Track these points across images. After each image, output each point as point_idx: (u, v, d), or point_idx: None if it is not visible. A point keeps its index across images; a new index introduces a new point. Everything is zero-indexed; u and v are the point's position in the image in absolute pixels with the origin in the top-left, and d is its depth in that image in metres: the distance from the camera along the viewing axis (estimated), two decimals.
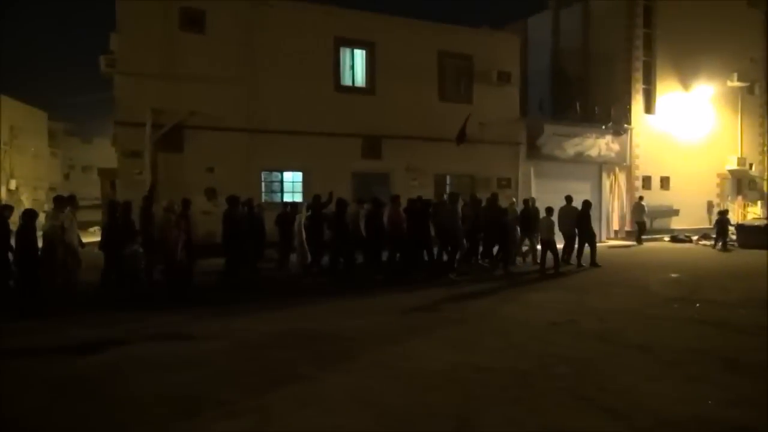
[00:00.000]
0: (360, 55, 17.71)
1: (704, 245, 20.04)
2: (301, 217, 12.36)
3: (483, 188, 18.49)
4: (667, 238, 21.38)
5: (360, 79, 17.80)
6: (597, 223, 18.21)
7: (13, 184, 31.95)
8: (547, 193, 16.91)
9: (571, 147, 20.99)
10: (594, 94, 23.10)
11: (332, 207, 12.64)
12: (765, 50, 26.00)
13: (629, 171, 22.47)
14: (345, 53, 17.54)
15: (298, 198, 16.70)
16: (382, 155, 17.69)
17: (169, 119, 15.13)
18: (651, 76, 23.32)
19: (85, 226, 18.33)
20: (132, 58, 14.88)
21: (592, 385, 5.55)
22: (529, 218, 14.33)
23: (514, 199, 16.23)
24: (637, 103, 22.86)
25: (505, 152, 19.63)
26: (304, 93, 16.56)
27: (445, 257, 12.99)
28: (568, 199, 14.90)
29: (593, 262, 14.22)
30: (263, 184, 16.70)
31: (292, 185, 17.05)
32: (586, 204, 14.67)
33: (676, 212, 22.14)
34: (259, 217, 13.57)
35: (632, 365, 6.26)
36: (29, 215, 9.55)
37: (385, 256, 12.95)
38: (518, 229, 14.46)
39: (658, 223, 21.60)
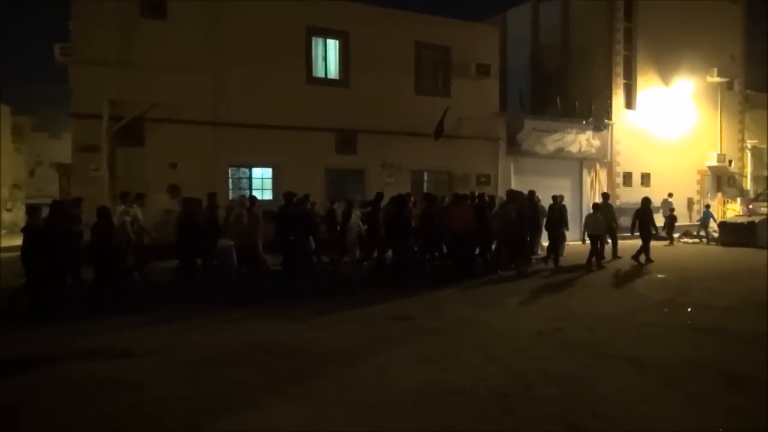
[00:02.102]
0: (333, 45, 16.90)
1: (686, 243, 19.70)
2: (357, 215, 13.00)
3: (461, 185, 17.89)
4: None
5: (333, 71, 16.98)
6: (578, 221, 17.67)
7: None
8: (528, 190, 16.28)
9: (552, 143, 20.44)
10: (574, 89, 22.60)
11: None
12: (744, 46, 25.77)
13: (610, 167, 22.01)
14: (317, 43, 16.72)
15: (268, 195, 15.93)
16: (357, 150, 16.91)
17: (128, 111, 14.18)
18: (631, 71, 22.89)
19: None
20: (88, 45, 13.90)
21: (584, 409, 4.87)
22: (562, 215, 14.42)
23: (539, 196, 15.62)
24: (618, 99, 22.42)
25: (484, 148, 18.99)
26: (274, 85, 15.70)
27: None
28: (605, 196, 15.54)
29: (636, 257, 14.22)
30: (230, 180, 15.83)
31: (261, 182, 16.20)
32: (646, 201, 14.73)
33: (656, 209, 21.71)
34: (313, 214, 12.96)
35: (626, 383, 5.61)
36: (105, 212, 9.24)
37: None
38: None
39: None
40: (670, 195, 20.96)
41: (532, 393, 5.26)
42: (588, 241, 13.88)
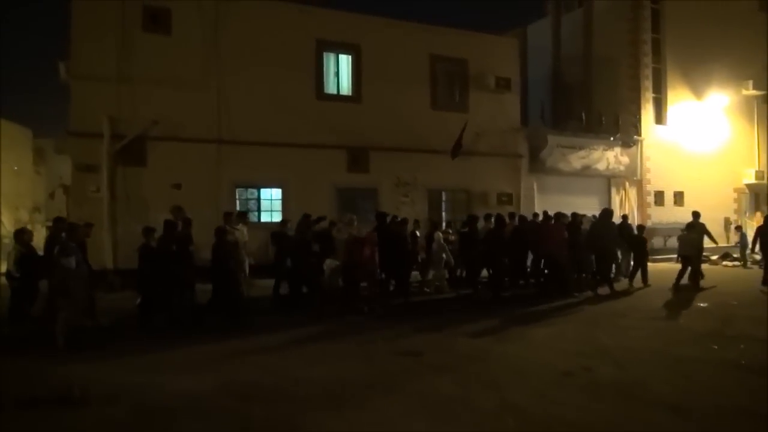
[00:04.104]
0: (345, 60, 16.21)
1: (725, 266, 18.32)
2: (439, 235, 12.69)
3: (481, 204, 16.98)
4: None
5: (345, 87, 16.27)
6: None
7: None
8: (552, 210, 15.25)
9: (577, 160, 19.42)
10: (598, 103, 21.60)
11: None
12: None
13: (640, 185, 20.85)
14: (329, 58, 16.05)
15: (277, 217, 15.16)
16: (370, 168, 16.11)
17: (129, 129, 13.64)
18: (661, 84, 21.87)
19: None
20: (88, 61, 13.42)
21: None
22: (631, 235, 14.07)
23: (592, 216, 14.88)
24: (647, 113, 21.35)
25: (505, 165, 18.03)
26: (283, 101, 15.05)
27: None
28: (696, 215, 14.15)
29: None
30: (237, 201, 15.10)
31: (270, 203, 15.44)
32: None
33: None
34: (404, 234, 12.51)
35: None
36: (222, 232, 9.47)
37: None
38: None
39: (672, 242, 19.85)
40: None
41: None
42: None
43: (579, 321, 9.64)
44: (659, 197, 21.25)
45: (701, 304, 11.13)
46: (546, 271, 12.79)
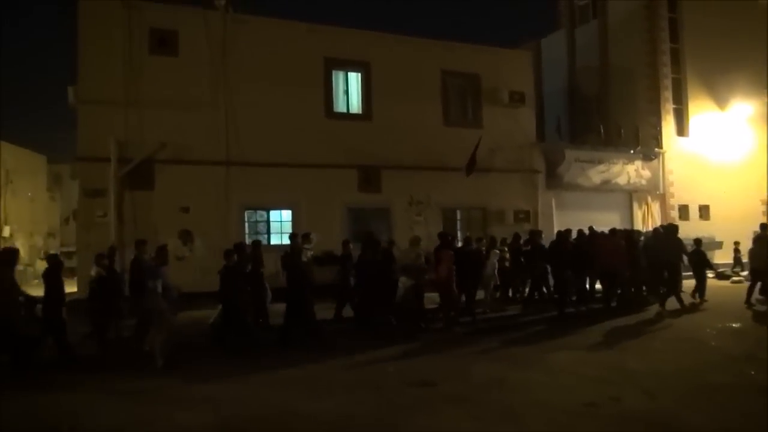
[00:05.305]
0: (354, 78, 15.95)
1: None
2: (494, 255, 12.62)
3: (497, 222, 16.50)
4: (711, 275, 18.78)
5: (355, 105, 15.98)
6: None
7: (6, 231, 30.52)
8: (572, 227, 14.71)
9: (597, 174, 18.84)
10: (616, 115, 21.05)
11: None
12: None
13: (663, 200, 20.17)
14: (338, 76, 15.80)
15: (287, 240, 14.77)
16: (382, 188, 15.71)
17: (137, 153, 13.44)
18: (681, 95, 21.27)
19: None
20: (95, 85, 13.32)
21: None
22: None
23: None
24: (668, 125, 20.74)
25: (522, 181, 17.52)
26: (292, 121, 14.78)
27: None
28: (764, 227, 13.29)
29: None
30: (246, 224, 14.78)
31: (280, 225, 15.09)
32: None
33: (719, 245, 19.63)
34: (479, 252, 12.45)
35: None
36: (296, 253, 9.64)
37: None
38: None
39: None
40: None
41: None
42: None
43: (607, 343, 9.07)
44: (684, 211, 20.53)
45: (734, 324, 10.45)
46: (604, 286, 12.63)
